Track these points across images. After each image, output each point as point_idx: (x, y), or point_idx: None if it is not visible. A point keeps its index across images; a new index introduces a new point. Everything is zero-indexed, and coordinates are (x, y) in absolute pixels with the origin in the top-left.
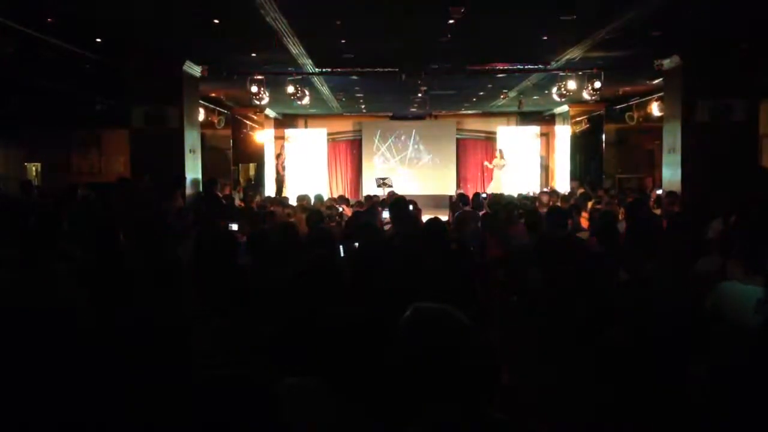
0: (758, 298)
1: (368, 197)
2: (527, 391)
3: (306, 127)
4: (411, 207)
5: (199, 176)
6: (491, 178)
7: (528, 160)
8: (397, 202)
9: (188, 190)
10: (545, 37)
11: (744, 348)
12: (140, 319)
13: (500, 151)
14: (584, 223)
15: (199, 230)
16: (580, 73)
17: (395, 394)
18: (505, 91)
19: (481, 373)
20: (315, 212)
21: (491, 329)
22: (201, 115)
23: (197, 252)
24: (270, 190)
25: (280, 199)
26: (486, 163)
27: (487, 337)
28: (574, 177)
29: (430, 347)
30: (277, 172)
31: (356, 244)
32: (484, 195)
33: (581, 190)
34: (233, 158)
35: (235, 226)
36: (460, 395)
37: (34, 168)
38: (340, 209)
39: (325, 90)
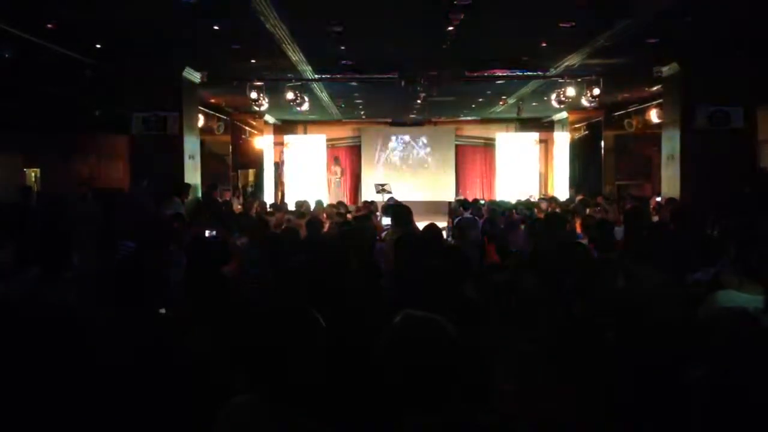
0: (755, 308)
1: (366, 203)
2: (524, 395)
3: (305, 133)
4: None
5: (199, 182)
6: (491, 185)
7: (526, 167)
8: (397, 208)
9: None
10: (544, 44)
11: (741, 356)
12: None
13: (336, 158)
14: (579, 228)
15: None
16: (578, 79)
17: (371, 403)
18: (504, 97)
19: (467, 381)
20: (314, 220)
21: (489, 335)
22: (200, 121)
23: (188, 259)
24: (269, 196)
25: (279, 206)
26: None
27: (476, 345)
28: (572, 183)
29: (417, 355)
30: (277, 184)
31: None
32: (483, 201)
33: (580, 197)
34: (233, 164)
35: (214, 233)
36: (444, 402)
37: (32, 173)
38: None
39: (324, 96)
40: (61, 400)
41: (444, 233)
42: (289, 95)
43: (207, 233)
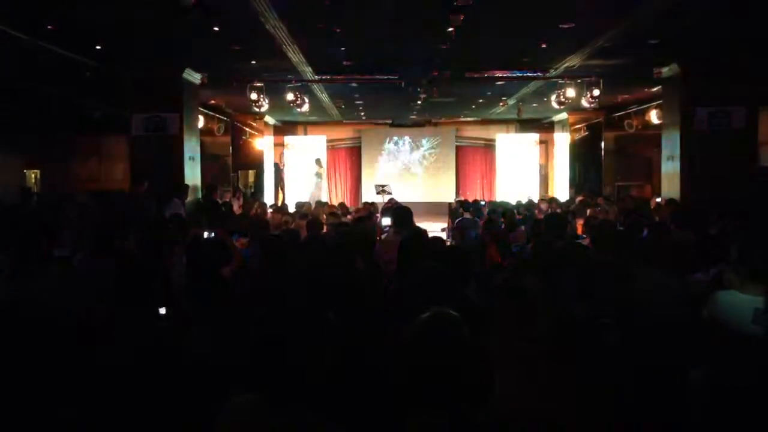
0: (756, 308)
1: (366, 204)
2: (523, 396)
3: (305, 134)
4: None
5: (199, 183)
6: (491, 186)
7: (527, 168)
8: (399, 209)
9: (188, 197)
10: (544, 45)
11: (742, 356)
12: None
13: (318, 160)
14: (580, 229)
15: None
16: (578, 80)
17: (373, 401)
18: (504, 98)
19: (477, 382)
20: (315, 221)
21: (489, 336)
22: (200, 122)
23: (188, 260)
24: (269, 197)
25: (279, 207)
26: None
27: (487, 348)
28: (572, 184)
29: (442, 353)
30: (277, 185)
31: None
32: (483, 202)
33: (580, 198)
34: (233, 165)
35: (208, 234)
36: (453, 402)
37: (33, 175)
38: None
39: (324, 97)
40: (60, 400)
41: (444, 234)
42: (289, 96)
43: (206, 234)
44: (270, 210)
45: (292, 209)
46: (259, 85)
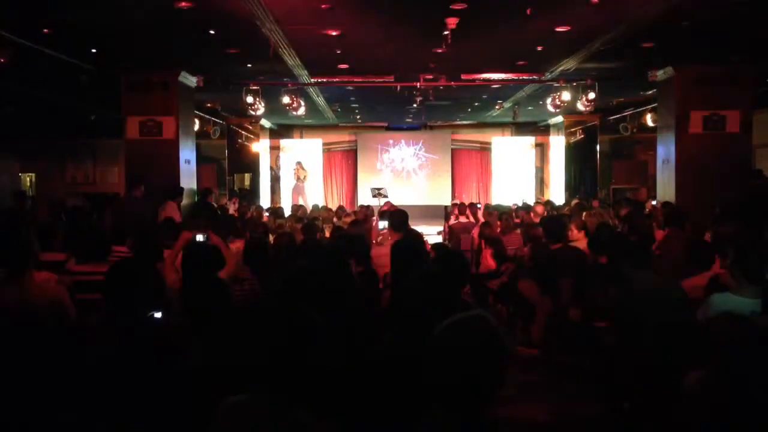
0: (752, 311)
1: (362, 207)
2: (522, 399)
3: (301, 137)
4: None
5: (195, 186)
6: (487, 189)
7: (522, 171)
8: (395, 213)
9: (184, 201)
10: (540, 48)
11: (739, 358)
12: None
13: (299, 163)
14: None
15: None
16: (574, 83)
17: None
18: (499, 101)
19: (496, 385)
20: (312, 224)
21: None
22: (196, 126)
23: (183, 263)
24: (265, 200)
25: (275, 210)
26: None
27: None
28: (568, 187)
29: (479, 353)
30: (273, 189)
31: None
32: (479, 205)
33: (576, 201)
34: (228, 169)
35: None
36: (470, 402)
37: (28, 178)
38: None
39: (320, 101)
40: (55, 402)
41: (440, 237)
42: (285, 99)
43: (199, 237)
44: (266, 214)
45: (288, 213)
46: (255, 88)
